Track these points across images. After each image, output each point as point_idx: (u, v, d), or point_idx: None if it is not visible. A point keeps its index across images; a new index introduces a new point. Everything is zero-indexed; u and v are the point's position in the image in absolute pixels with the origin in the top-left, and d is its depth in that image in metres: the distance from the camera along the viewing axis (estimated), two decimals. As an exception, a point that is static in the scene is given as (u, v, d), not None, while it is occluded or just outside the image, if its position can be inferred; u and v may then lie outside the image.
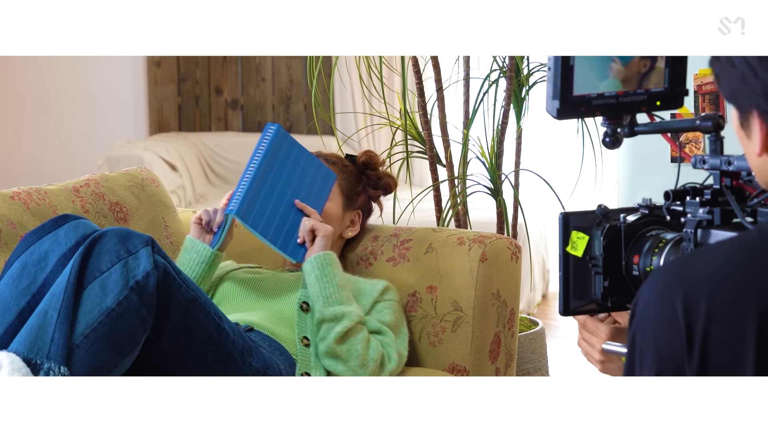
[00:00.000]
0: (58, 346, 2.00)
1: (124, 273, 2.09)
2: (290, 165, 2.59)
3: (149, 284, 2.09)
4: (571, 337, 4.67)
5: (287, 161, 2.58)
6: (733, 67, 1.27)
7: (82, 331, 2.04)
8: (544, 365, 3.40)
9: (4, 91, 6.33)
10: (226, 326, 2.23)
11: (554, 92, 1.53)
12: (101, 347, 2.05)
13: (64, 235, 2.14)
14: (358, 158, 2.77)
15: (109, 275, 2.08)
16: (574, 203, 3.24)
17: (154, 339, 2.15)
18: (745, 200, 1.48)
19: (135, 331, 2.09)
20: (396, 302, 2.56)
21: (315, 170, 2.62)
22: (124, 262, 2.09)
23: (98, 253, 2.10)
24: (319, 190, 2.61)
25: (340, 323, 2.38)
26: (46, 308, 2.04)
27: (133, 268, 2.09)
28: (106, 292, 2.07)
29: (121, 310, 2.07)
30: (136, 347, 2.11)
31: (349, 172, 2.73)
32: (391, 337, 2.46)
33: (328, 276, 2.44)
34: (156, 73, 6.23)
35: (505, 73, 3.34)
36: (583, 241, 1.62)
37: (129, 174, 2.87)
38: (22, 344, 2.00)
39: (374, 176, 2.76)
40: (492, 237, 2.64)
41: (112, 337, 2.06)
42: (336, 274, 2.45)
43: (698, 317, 1.21)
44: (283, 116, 6.20)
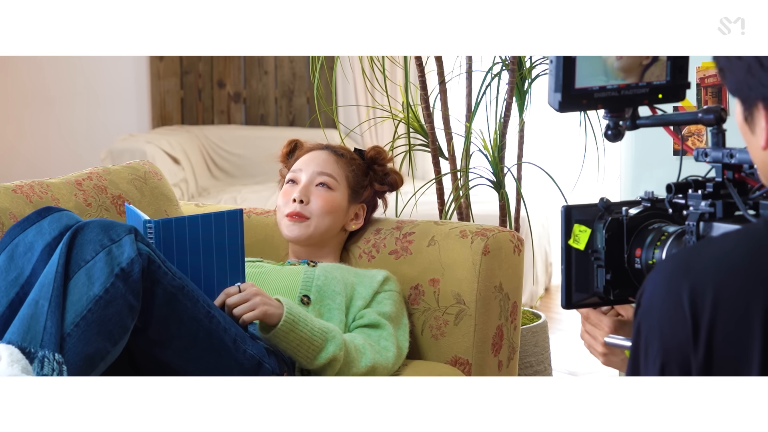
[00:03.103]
0: (51, 334, 2.02)
1: (109, 261, 2.10)
2: (190, 253, 2.37)
3: (134, 271, 2.11)
4: (574, 330, 4.67)
5: (185, 252, 2.36)
6: (739, 59, 1.27)
7: (72, 319, 2.06)
8: (546, 358, 3.41)
9: (6, 85, 6.34)
10: (217, 314, 2.24)
11: (556, 85, 1.53)
12: (92, 335, 2.06)
13: (48, 226, 2.16)
14: (367, 152, 2.78)
15: (94, 264, 2.10)
16: (577, 196, 3.24)
17: (143, 328, 2.16)
18: (747, 193, 1.48)
19: (124, 317, 2.10)
20: (396, 293, 2.56)
21: (217, 232, 2.38)
22: (108, 250, 2.11)
23: (81, 243, 2.11)
24: (230, 251, 2.40)
25: (332, 369, 2.33)
26: (36, 298, 2.06)
27: (117, 255, 2.11)
28: (92, 281, 2.09)
29: (108, 297, 2.08)
30: (125, 334, 2.13)
31: (356, 165, 2.73)
32: (389, 331, 2.46)
33: (294, 340, 2.30)
34: (159, 66, 6.23)
35: (507, 66, 3.34)
36: (586, 234, 1.62)
37: (132, 167, 2.87)
38: (16, 334, 2.03)
39: (381, 172, 2.76)
40: (494, 230, 2.64)
41: (102, 324, 2.07)
42: (295, 330, 2.29)
43: (704, 308, 1.21)
44: (285, 109, 6.20)
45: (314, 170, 2.67)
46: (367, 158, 2.77)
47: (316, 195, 2.65)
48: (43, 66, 6.27)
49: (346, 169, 2.70)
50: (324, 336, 2.32)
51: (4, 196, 2.52)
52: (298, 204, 2.63)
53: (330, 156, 2.71)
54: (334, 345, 2.32)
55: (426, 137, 3.41)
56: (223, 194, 5.66)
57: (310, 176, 2.67)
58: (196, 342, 2.21)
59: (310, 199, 2.65)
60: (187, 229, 2.35)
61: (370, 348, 2.40)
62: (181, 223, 2.34)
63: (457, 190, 3.36)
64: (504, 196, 3.37)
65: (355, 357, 2.36)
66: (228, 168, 6.05)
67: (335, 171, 2.68)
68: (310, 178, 2.67)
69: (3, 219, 2.47)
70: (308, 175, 2.67)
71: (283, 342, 2.29)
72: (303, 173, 2.68)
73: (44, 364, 1.99)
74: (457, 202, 3.35)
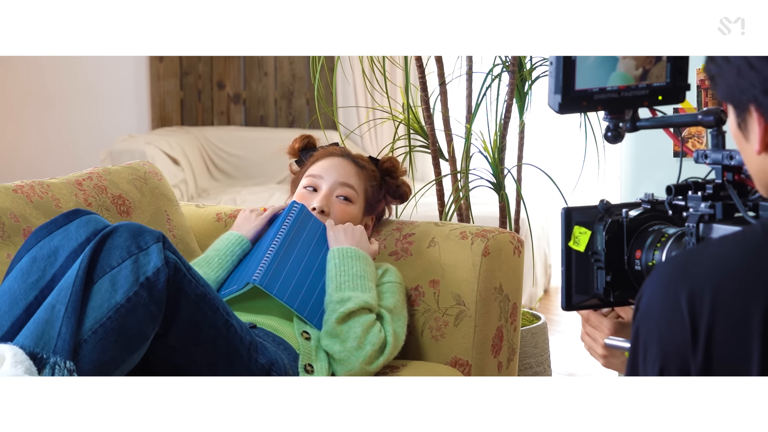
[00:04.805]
0: (64, 341, 1.98)
1: (135, 269, 2.07)
2: (311, 240, 2.57)
3: (159, 281, 2.08)
4: (574, 332, 4.67)
5: (310, 238, 2.57)
6: (728, 63, 1.27)
7: (90, 326, 2.03)
8: (546, 359, 3.41)
9: (6, 85, 6.34)
10: (234, 322, 2.23)
11: (556, 87, 1.53)
12: (109, 343, 2.04)
13: (74, 231, 2.13)
14: (382, 163, 2.77)
15: (119, 271, 2.07)
16: (577, 198, 3.24)
17: (163, 334, 2.14)
18: (747, 194, 1.48)
19: (144, 327, 2.08)
20: (397, 283, 2.57)
21: None
22: (135, 258, 2.08)
23: (109, 248, 2.09)
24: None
25: (344, 305, 2.41)
26: (53, 302, 2.03)
27: (144, 264, 2.08)
28: (115, 288, 2.06)
29: (130, 306, 2.06)
30: (144, 343, 2.10)
31: (375, 180, 2.74)
32: (386, 320, 2.48)
33: (346, 266, 2.48)
34: (158, 67, 6.23)
35: (507, 68, 3.34)
36: (586, 236, 1.62)
37: (132, 167, 2.86)
38: (29, 338, 1.99)
39: (394, 185, 2.77)
40: (494, 231, 2.64)
41: (121, 333, 2.05)
42: (355, 266, 2.49)
43: (703, 311, 1.20)
44: (285, 111, 6.20)
45: (336, 180, 2.66)
46: (382, 169, 2.76)
47: (336, 206, 2.65)
48: (42, 66, 6.27)
49: (365, 183, 2.70)
50: (366, 289, 2.47)
51: (4, 196, 2.52)
52: (319, 214, 2.64)
53: (351, 167, 2.70)
54: (362, 298, 2.44)
55: (426, 138, 3.41)
56: (222, 195, 5.66)
57: (331, 186, 2.66)
58: (214, 350, 2.20)
59: (330, 210, 2.65)
60: (315, 227, 2.58)
61: (378, 332, 2.44)
62: (315, 222, 2.59)
63: (457, 192, 3.36)
64: (504, 198, 3.37)
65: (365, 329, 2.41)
66: (227, 169, 6.05)
67: (356, 183, 2.68)
68: (331, 188, 2.66)
69: (4, 219, 2.47)
70: (329, 185, 2.66)
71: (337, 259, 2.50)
72: (324, 182, 2.67)
73: (55, 370, 1.96)
74: (457, 203, 3.35)
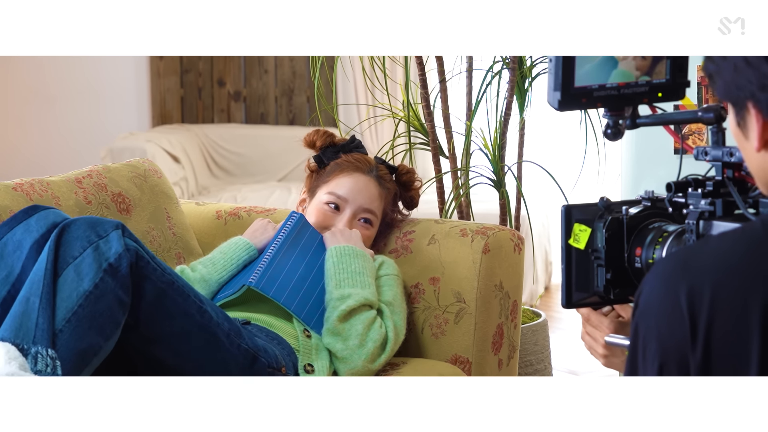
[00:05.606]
0: (43, 330, 2.02)
1: (97, 256, 2.11)
2: (309, 247, 2.59)
3: (122, 266, 2.11)
4: (574, 329, 4.67)
5: (308, 245, 2.59)
6: (726, 61, 1.27)
7: (63, 315, 2.06)
8: (546, 357, 3.41)
9: (7, 84, 6.34)
10: (209, 308, 2.24)
11: (555, 84, 1.53)
12: (84, 330, 2.07)
13: (35, 224, 2.17)
14: (400, 174, 2.77)
15: (82, 260, 2.10)
16: (577, 195, 3.24)
17: (134, 324, 2.16)
18: (747, 191, 1.48)
19: (115, 312, 2.11)
20: (394, 276, 2.58)
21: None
22: (95, 245, 2.11)
23: (68, 240, 2.12)
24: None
25: (345, 302, 2.42)
26: (27, 295, 2.07)
27: (105, 250, 2.11)
28: (81, 276, 2.09)
29: (98, 292, 2.09)
30: (117, 329, 2.13)
31: (393, 194, 2.74)
32: (386, 314, 2.49)
33: (344, 263, 2.49)
34: (159, 64, 6.23)
35: (508, 65, 3.34)
36: (586, 233, 1.62)
37: (131, 165, 2.87)
38: (8, 331, 2.03)
39: (408, 197, 2.78)
40: (495, 228, 2.64)
41: (94, 319, 2.08)
42: (353, 263, 2.50)
43: (702, 307, 1.21)
44: (285, 108, 6.20)
45: (360, 205, 2.66)
46: (399, 182, 2.77)
47: (357, 228, 2.65)
48: (43, 65, 6.26)
49: (386, 204, 2.72)
50: (366, 286, 2.47)
51: (4, 194, 2.52)
52: None
53: (375, 189, 2.69)
54: (363, 294, 2.45)
55: (426, 136, 3.41)
56: (223, 193, 5.66)
57: (355, 211, 2.66)
58: (190, 338, 2.22)
59: None
60: (313, 237, 2.60)
61: (379, 329, 2.45)
62: (313, 232, 2.61)
63: (457, 189, 3.36)
64: (504, 195, 3.37)
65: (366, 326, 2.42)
66: (228, 167, 6.05)
67: (378, 208, 2.69)
68: (355, 212, 2.66)
69: (3, 217, 2.47)
70: (353, 210, 2.65)
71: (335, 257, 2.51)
72: (348, 205, 2.66)
73: (38, 359, 2.00)
74: (457, 200, 3.35)
